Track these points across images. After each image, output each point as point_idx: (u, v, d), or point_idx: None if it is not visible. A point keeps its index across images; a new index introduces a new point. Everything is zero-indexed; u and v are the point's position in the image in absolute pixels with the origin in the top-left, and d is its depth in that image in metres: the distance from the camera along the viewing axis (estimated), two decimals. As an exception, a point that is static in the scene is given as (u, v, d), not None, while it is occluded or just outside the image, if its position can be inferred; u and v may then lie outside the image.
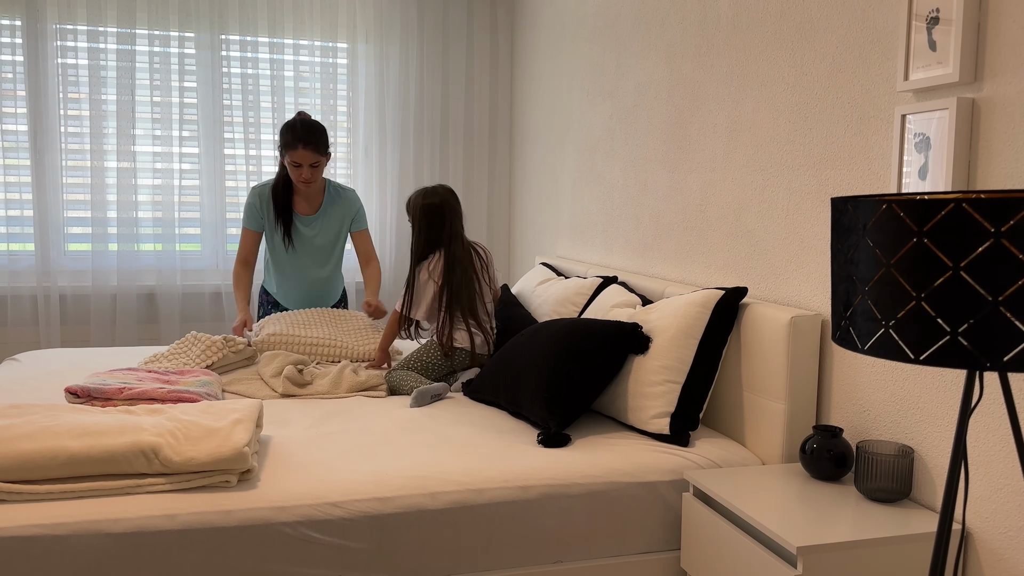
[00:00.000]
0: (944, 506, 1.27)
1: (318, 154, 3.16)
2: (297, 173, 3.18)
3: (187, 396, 2.39)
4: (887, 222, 1.13)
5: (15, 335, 4.20)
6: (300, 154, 3.13)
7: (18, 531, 1.70)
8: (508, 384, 2.52)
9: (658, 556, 2.10)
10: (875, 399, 1.99)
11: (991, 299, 1.07)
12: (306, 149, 3.13)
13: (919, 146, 1.81)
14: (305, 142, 3.13)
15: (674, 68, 2.87)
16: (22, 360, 3.20)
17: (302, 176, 3.18)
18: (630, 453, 2.18)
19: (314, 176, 3.20)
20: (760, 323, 2.23)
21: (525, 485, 2.00)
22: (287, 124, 3.18)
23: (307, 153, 3.14)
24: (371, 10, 4.47)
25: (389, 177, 4.56)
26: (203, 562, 1.79)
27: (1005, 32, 1.64)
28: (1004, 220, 1.06)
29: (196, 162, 4.31)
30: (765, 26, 2.37)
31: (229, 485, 1.90)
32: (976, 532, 1.73)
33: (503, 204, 4.80)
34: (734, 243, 2.53)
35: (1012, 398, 1.25)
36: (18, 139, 4.10)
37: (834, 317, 1.27)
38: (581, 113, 3.69)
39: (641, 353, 2.38)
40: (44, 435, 1.89)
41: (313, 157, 3.15)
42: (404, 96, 4.55)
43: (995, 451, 1.69)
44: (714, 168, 2.63)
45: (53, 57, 4.08)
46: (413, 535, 1.92)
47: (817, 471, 1.99)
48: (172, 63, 4.22)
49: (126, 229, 4.23)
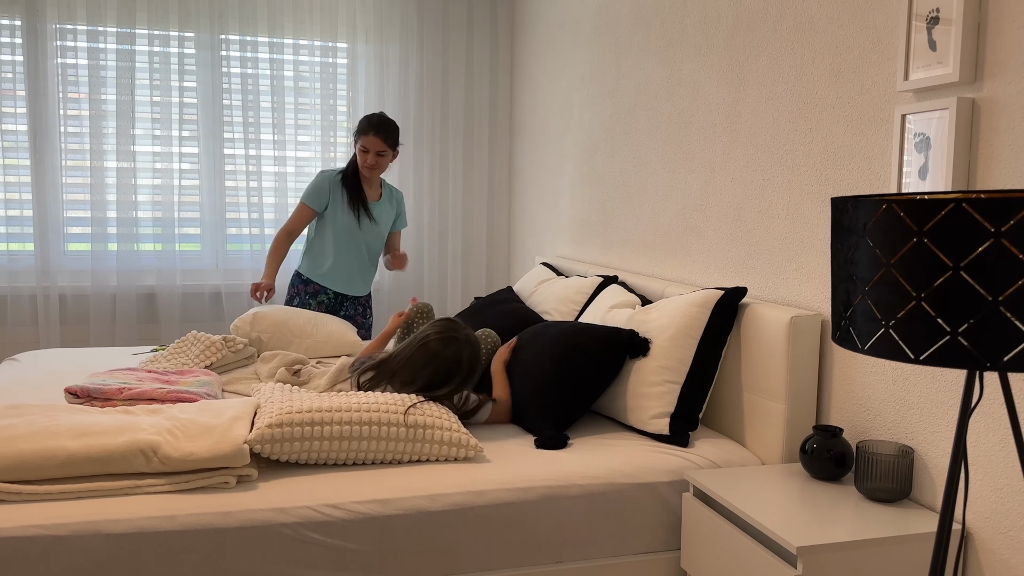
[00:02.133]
0: (944, 506, 1.27)
1: (385, 144, 3.51)
2: (363, 158, 3.53)
3: (186, 396, 2.39)
4: (887, 222, 1.13)
5: (15, 335, 4.20)
6: (370, 140, 3.50)
7: (17, 531, 1.70)
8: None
9: (658, 556, 2.10)
10: (875, 399, 1.98)
11: (991, 299, 1.07)
12: (376, 136, 3.49)
13: (919, 146, 1.81)
14: (376, 130, 3.50)
15: (674, 68, 2.87)
16: (22, 360, 3.20)
17: (367, 161, 3.52)
18: (630, 454, 2.18)
19: (378, 164, 3.54)
20: (760, 323, 2.23)
21: (525, 487, 2.00)
22: (366, 115, 3.56)
23: (376, 140, 3.49)
24: (371, 10, 4.46)
25: (389, 177, 4.55)
26: (203, 563, 1.79)
27: (1005, 32, 1.64)
28: (1004, 220, 1.06)
29: (196, 162, 4.31)
30: (765, 26, 2.37)
31: (228, 486, 1.90)
32: (976, 532, 1.73)
33: (503, 204, 4.80)
34: (734, 243, 2.53)
35: (1012, 398, 1.25)
36: (18, 139, 4.10)
37: (834, 317, 1.27)
38: (581, 113, 3.69)
39: (640, 357, 2.38)
40: (43, 435, 1.88)
41: (381, 145, 3.50)
42: (404, 96, 4.55)
43: (995, 451, 1.68)
44: (714, 168, 2.63)
45: (53, 57, 4.08)
46: (413, 536, 1.91)
47: (817, 471, 1.99)
48: (172, 63, 4.22)
49: (126, 229, 4.23)
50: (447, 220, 4.70)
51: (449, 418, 2.14)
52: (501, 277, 4.85)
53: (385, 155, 3.54)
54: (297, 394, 2.18)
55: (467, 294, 4.77)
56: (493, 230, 4.81)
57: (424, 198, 4.64)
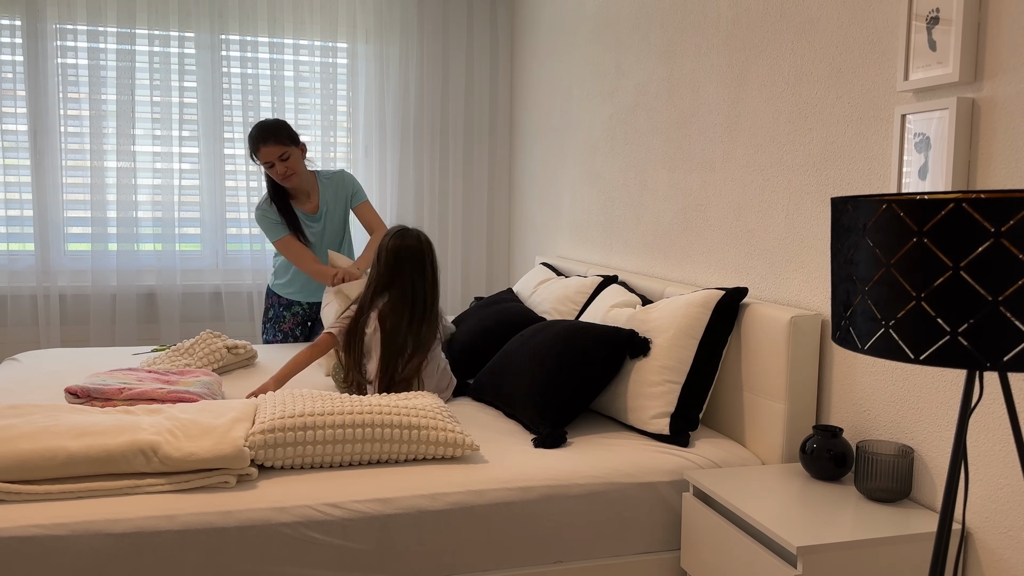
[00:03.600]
0: (944, 506, 1.27)
1: (282, 145, 3.22)
2: (273, 172, 3.26)
3: (187, 396, 2.39)
4: (887, 222, 1.13)
5: (15, 335, 4.20)
6: (264, 152, 3.22)
7: (18, 531, 1.70)
8: (505, 386, 2.52)
9: (658, 556, 2.10)
10: (875, 399, 1.99)
11: (991, 299, 1.07)
12: (267, 146, 3.21)
13: (919, 146, 1.81)
14: (264, 140, 3.21)
15: (674, 68, 2.87)
16: (22, 360, 3.20)
17: (278, 172, 3.25)
18: (630, 453, 2.18)
19: (290, 169, 3.26)
20: (760, 323, 2.23)
21: (525, 486, 2.00)
22: (250, 132, 3.29)
23: (270, 148, 3.21)
24: (371, 10, 4.46)
25: (389, 177, 4.56)
26: (203, 562, 1.79)
27: (1005, 32, 1.64)
28: (1004, 220, 1.06)
29: (196, 162, 4.31)
30: (765, 26, 2.37)
31: (228, 486, 1.90)
32: (976, 532, 1.73)
33: (503, 204, 4.80)
34: (734, 243, 2.53)
35: (1012, 398, 1.25)
36: (18, 139, 4.10)
37: (834, 317, 1.27)
38: (581, 113, 3.69)
39: (640, 357, 2.38)
40: (43, 435, 1.89)
41: (278, 149, 3.22)
42: (404, 96, 4.55)
43: (995, 451, 1.68)
44: (714, 168, 2.63)
45: (53, 57, 4.08)
46: (413, 536, 1.91)
47: (817, 471, 1.99)
48: (172, 63, 4.22)
49: (126, 229, 4.23)
50: (447, 220, 4.70)
51: (443, 417, 2.14)
52: (501, 277, 4.85)
53: (290, 156, 3.24)
54: (292, 397, 2.18)
55: (467, 294, 4.77)
56: (493, 230, 4.81)
57: (424, 198, 4.64)
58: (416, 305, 2.59)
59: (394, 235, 2.64)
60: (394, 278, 2.60)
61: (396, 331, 2.56)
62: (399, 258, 2.60)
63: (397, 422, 2.06)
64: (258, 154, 3.24)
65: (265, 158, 3.23)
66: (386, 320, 2.57)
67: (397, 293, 2.59)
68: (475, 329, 3.02)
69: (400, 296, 2.59)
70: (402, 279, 2.59)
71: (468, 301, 4.75)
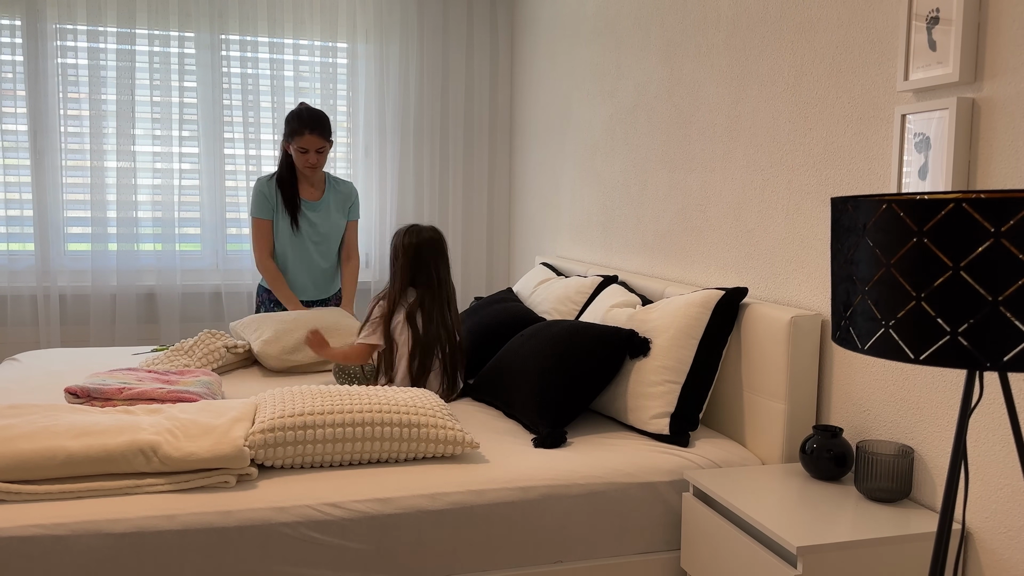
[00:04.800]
0: (944, 506, 1.27)
1: (324, 139, 3.35)
2: (304, 159, 3.36)
3: (187, 396, 2.39)
4: (887, 222, 1.13)
5: (15, 335, 4.20)
6: (308, 140, 3.32)
7: (17, 531, 1.70)
8: (505, 385, 2.52)
9: (658, 556, 2.10)
10: (875, 399, 1.99)
11: (991, 299, 1.07)
12: (312, 134, 3.31)
13: (919, 146, 1.81)
14: (311, 128, 3.31)
15: (674, 68, 2.87)
16: (22, 360, 3.20)
17: (309, 161, 3.36)
18: (630, 453, 2.18)
19: (320, 161, 3.38)
20: (760, 323, 2.23)
21: (525, 486, 2.00)
22: (293, 113, 3.35)
23: (314, 138, 3.32)
24: (371, 10, 4.46)
25: (389, 177, 4.56)
26: (203, 562, 1.79)
27: (1005, 32, 1.64)
28: (1004, 220, 1.06)
29: (196, 162, 4.31)
30: (765, 26, 2.37)
31: (228, 485, 1.90)
32: (976, 532, 1.73)
33: (503, 204, 4.80)
34: (734, 243, 2.53)
35: (1012, 398, 1.25)
36: (18, 139, 4.10)
37: (834, 317, 1.27)
38: (581, 113, 3.69)
39: (640, 357, 2.38)
40: (42, 435, 1.89)
41: (319, 142, 3.34)
42: (404, 96, 4.55)
43: (995, 451, 1.68)
44: (714, 168, 2.63)
45: (53, 57, 4.08)
46: (413, 536, 1.91)
47: (817, 471, 1.99)
48: (172, 63, 4.22)
49: (126, 229, 4.23)
50: (447, 220, 4.70)
51: (442, 415, 2.14)
52: (501, 277, 4.85)
53: (325, 150, 3.38)
54: (292, 395, 2.18)
55: (467, 294, 4.77)
56: (493, 230, 4.81)
57: (424, 198, 4.64)
58: (443, 293, 2.70)
59: (407, 232, 2.73)
60: (417, 273, 2.69)
61: (429, 321, 2.65)
62: (420, 252, 2.69)
63: (397, 420, 2.06)
64: (301, 138, 3.31)
65: (307, 144, 3.32)
66: (416, 314, 2.66)
67: (424, 286, 2.69)
68: (475, 329, 3.02)
69: (427, 288, 2.68)
70: (426, 272, 2.69)
71: (468, 301, 4.75)
